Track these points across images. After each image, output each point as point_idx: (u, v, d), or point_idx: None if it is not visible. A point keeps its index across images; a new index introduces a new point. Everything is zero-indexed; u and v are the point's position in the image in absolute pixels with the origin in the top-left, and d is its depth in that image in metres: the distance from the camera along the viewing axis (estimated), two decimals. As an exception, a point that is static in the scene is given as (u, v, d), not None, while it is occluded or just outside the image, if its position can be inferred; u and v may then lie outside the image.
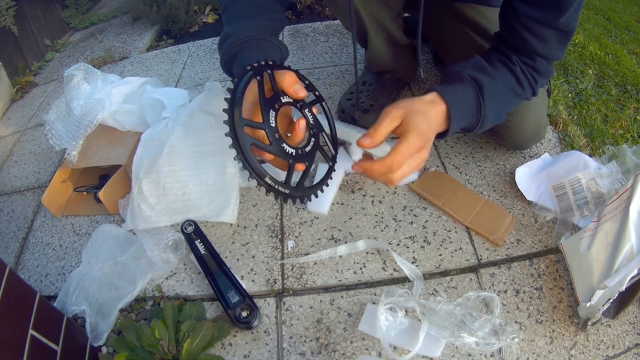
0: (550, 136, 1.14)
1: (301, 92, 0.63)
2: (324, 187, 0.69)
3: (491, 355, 0.75)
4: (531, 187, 0.97)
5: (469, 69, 0.74)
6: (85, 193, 1.12)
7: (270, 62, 0.63)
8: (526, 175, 0.98)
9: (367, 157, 0.69)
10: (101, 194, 0.98)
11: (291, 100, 0.64)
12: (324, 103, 0.73)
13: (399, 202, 0.99)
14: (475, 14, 0.94)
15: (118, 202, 1.02)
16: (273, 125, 0.59)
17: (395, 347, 0.76)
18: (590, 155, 0.95)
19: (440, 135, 0.72)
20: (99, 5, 2.34)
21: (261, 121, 0.59)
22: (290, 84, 0.63)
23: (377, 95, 1.14)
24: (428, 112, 0.65)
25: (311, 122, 0.66)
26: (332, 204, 0.99)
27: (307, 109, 0.67)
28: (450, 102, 0.67)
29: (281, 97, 0.62)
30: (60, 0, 2.08)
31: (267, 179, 0.57)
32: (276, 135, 0.59)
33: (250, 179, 0.57)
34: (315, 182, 0.69)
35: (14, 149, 1.39)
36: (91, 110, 1.10)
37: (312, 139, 0.66)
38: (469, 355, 0.75)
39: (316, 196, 0.66)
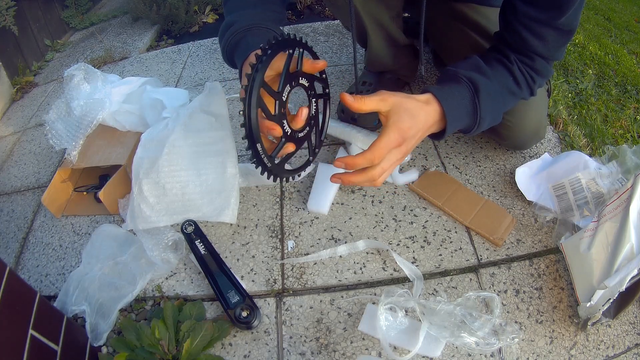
0: (550, 136, 1.14)
1: (319, 64, 0.63)
2: (297, 177, 0.71)
3: (491, 355, 0.75)
4: (531, 187, 0.97)
5: (466, 69, 0.74)
6: (85, 193, 1.12)
7: (305, 42, 0.64)
8: (526, 175, 0.98)
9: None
10: (101, 194, 0.98)
11: (306, 85, 0.65)
12: (329, 101, 0.74)
13: (399, 202, 0.99)
14: (475, 14, 0.94)
15: (118, 202, 1.02)
16: (284, 98, 0.61)
17: (395, 347, 0.76)
18: (590, 155, 0.95)
19: (436, 136, 0.73)
20: (99, 5, 2.35)
21: (276, 90, 0.60)
22: (315, 67, 0.63)
23: (377, 95, 1.14)
24: (417, 112, 0.65)
25: (312, 113, 0.68)
26: (332, 204, 0.99)
27: (315, 99, 0.68)
28: (445, 104, 0.67)
29: (300, 78, 0.64)
30: (60, 0, 2.08)
31: (258, 145, 0.58)
32: (282, 109, 0.61)
33: (243, 138, 0.57)
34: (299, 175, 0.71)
35: (14, 149, 1.39)
36: (91, 110, 1.10)
37: (307, 128, 0.67)
38: (469, 355, 0.75)
39: (287, 181, 0.69)
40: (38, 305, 0.64)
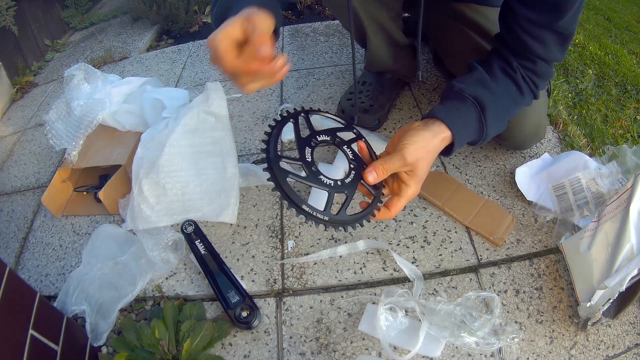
0: (550, 136, 1.14)
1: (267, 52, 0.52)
2: (364, 222, 0.68)
3: (491, 355, 0.75)
4: (531, 187, 0.97)
5: (471, 85, 0.74)
6: (85, 193, 1.12)
7: (307, 109, 0.70)
8: (526, 175, 0.98)
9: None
10: (101, 194, 0.98)
11: (328, 139, 0.68)
12: (364, 139, 0.74)
13: (399, 202, 0.99)
14: (475, 14, 0.93)
15: (118, 202, 1.02)
16: (309, 159, 0.64)
17: (395, 347, 0.76)
18: (590, 155, 0.95)
19: (442, 153, 0.74)
20: (99, 5, 2.35)
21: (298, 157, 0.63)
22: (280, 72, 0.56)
23: (376, 95, 1.14)
24: (432, 155, 0.68)
25: (350, 157, 0.69)
26: (332, 204, 0.99)
27: (346, 146, 0.70)
28: (454, 129, 0.69)
29: (317, 136, 0.67)
30: (60, 0, 2.08)
31: (304, 207, 0.60)
32: (312, 168, 0.63)
33: (289, 208, 0.60)
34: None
35: (14, 149, 1.39)
36: (91, 110, 1.10)
37: (352, 172, 0.68)
38: (469, 355, 0.75)
39: (361, 225, 0.66)
40: (38, 305, 0.64)
